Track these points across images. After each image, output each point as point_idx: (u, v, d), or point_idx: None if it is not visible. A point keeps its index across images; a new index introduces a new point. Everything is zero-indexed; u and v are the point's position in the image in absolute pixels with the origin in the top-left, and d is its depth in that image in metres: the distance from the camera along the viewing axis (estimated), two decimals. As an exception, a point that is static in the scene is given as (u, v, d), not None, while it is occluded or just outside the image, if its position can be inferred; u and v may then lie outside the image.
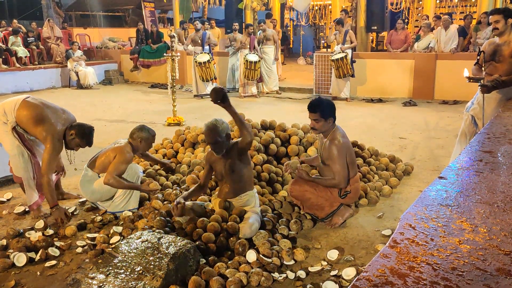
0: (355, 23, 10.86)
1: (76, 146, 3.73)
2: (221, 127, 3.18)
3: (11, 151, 3.66)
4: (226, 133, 3.21)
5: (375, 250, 3.06)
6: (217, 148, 3.22)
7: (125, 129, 6.80)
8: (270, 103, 9.47)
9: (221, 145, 3.21)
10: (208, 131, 3.20)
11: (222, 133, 3.18)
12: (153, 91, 11.72)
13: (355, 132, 6.34)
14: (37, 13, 19.45)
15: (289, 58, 17.09)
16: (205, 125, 3.27)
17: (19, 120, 3.57)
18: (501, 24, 3.91)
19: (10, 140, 3.62)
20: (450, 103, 8.78)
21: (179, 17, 13.98)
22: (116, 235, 3.26)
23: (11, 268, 2.92)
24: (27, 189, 3.75)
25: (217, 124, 3.19)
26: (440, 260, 1.21)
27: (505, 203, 1.60)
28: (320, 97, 3.40)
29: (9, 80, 11.57)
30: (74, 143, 3.68)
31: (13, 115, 3.56)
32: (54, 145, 3.54)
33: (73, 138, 3.65)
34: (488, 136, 2.56)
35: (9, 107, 3.59)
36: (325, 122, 3.30)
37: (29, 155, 3.70)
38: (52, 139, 3.53)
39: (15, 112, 3.56)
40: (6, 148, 3.71)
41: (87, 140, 3.70)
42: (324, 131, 3.38)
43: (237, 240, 3.06)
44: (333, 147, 3.28)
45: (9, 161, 3.84)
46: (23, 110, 3.56)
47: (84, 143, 3.70)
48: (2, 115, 3.59)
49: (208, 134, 3.21)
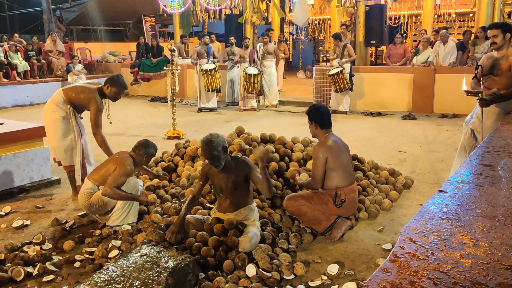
0: (354, 37, 10.94)
1: (117, 94, 4.29)
2: (216, 141, 3.19)
3: (69, 144, 4.32)
4: (222, 146, 3.22)
5: (376, 265, 3.03)
6: (215, 162, 3.22)
7: (125, 142, 6.80)
8: (269, 116, 9.49)
9: (218, 159, 3.20)
10: (204, 146, 3.20)
11: (218, 146, 3.18)
12: (153, 104, 11.76)
13: (355, 145, 6.34)
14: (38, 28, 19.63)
15: (288, 72, 17.18)
16: (200, 141, 3.28)
17: (70, 100, 4.25)
18: (499, 39, 3.94)
19: (68, 135, 4.29)
20: (449, 117, 8.80)
21: (179, 31, 14.10)
22: (115, 249, 3.24)
23: (8, 283, 2.89)
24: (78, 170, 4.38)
25: (212, 139, 3.19)
26: (441, 274, 1.20)
27: (505, 216, 1.59)
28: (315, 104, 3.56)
29: (9, 94, 11.61)
30: (113, 93, 4.26)
31: (65, 102, 4.25)
32: (96, 106, 4.19)
33: (110, 89, 4.23)
34: (487, 149, 2.56)
35: (58, 99, 4.26)
36: (311, 125, 3.55)
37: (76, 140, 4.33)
38: (95, 101, 4.19)
39: (64, 98, 4.25)
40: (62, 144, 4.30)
41: (121, 84, 4.27)
42: (314, 135, 3.60)
43: (236, 254, 3.04)
44: (315, 148, 3.50)
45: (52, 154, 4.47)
46: (68, 92, 4.27)
47: (120, 87, 4.27)
48: (57, 109, 4.25)
49: (204, 149, 3.21)
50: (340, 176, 3.42)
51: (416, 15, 15.43)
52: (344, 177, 3.44)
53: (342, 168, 3.43)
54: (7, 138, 4.64)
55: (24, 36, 16.63)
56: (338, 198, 3.41)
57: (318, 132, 3.52)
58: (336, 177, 3.43)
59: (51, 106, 4.30)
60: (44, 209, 4.28)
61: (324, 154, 3.38)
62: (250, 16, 11.86)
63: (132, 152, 3.84)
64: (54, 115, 4.27)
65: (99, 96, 4.24)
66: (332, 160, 3.39)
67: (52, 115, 4.28)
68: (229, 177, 3.29)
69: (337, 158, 3.42)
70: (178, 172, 4.68)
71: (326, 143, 3.43)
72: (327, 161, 3.39)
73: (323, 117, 3.51)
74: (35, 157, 4.87)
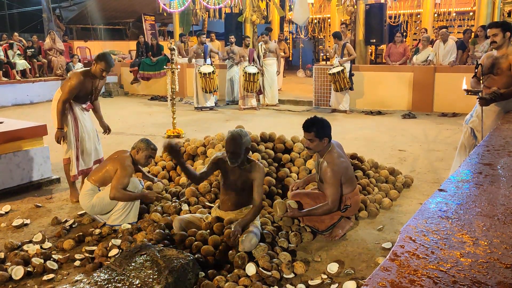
0: (354, 36, 10.93)
1: (102, 72, 4.21)
2: (244, 139, 3.19)
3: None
4: (247, 146, 3.22)
5: (376, 263, 3.03)
6: (233, 158, 3.20)
7: (125, 141, 6.81)
8: (269, 115, 9.49)
9: (238, 156, 3.20)
10: (231, 140, 3.19)
11: (244, 145, 3.19)
12: (153, 103, 11.75)
13: (355, 144, 6.34)
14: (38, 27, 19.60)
15: (288, 71, 17.18)
16: (229, 132, 3.26)
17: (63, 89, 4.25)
18: (499, 38, 3.94)
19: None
20: (449, 116, 8.80)
21: (179, 30, 14.09)
22: (115, 248, 3.24)
23: (8, 281, 2.90)
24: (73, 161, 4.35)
25: (241, 135, 3.20)
26: (441, 273, 1.20)
27: (505, 215, 1.59)
28: (315, 116, 3.35)
29: (9, 93, 11.60)
30: (98, 69, 4.20)
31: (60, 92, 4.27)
32: (72, 82, 4.17)
33: (96, 66, 4.19)
34: (487, 148, 2.56)
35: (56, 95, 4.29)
36: (319, 142, 3.29)
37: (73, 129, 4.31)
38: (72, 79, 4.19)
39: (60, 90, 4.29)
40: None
41: (106, 60, 4.18)
42: (319, 151, 3.36)
43: (236, 253, 3.04)
44: (328, 171, 3.26)
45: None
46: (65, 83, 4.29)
47: (105, 65, 4.17)
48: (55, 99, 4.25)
49: (230, 142, 3.19)
50: (346, 185, 3.39)
51: (416, 14, 15.43)
52: (349, 185, 3.42)
53: (349, 178, 3.41)
54: (7, 137, 4.63)
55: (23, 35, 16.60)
56: (343, 204, 3.41)
57: (326, 148, 3.33)
58: (343, 188, 3.39)
59: (53, 102, 4.32)
60: (44, 208, 4.28)
61: (339, 174, 3.27)
62: (250, 15, 11.85)
63: (132, 151, 3.84)
64: (54, 111, 4.28)
65: (82, 76, 4.22)
66: (343, 177, 3.33)
67: (52, 112, 4.30)
68: (240, 177, 3.30)
69: (346, 172, 3.37)
70: (178, 171, 4.67)
71: (337, 161, 3.27)
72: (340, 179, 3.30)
73: (331, 131, 3.34)
74: (35, 156, 4.87)
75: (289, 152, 4.59)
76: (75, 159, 4.37)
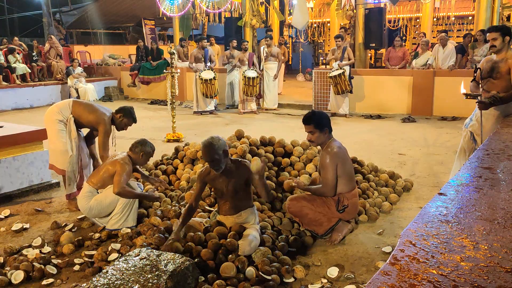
0: (353, 40, 10.96)
1: (125, 126, 4.33)
2: (217, 144, 3.18)
3: (62, 147, 4.20)
4: (223, 149, 3.20)
5: (376, 267, 3.03)
6: (215, 165, 3.21)
7: (125, 145, 6.78)
8: (269, 119, 9.49)
9: (219, 162, 3.19)
10: (205, 149, 3.19)
11: (219, 150, 3.17)
12: (153, 107, 11.76)
13: (354, 148, 6.34)
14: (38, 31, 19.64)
15: (288, 75, 17.20)
16: (201, 143, 3.27)
17: (75, 113, 4.23)
18: (499, 42, 3.95)
19: (61, 137, 4.19)
20: (448, 119, 8.81)
21: (179, 34, 14.12)
22: (114, 253, 3.23)
23: (7, 286, 2.89)
24: (67, 181, 4.29)
25: (213, 142, 3.18)
26: (441, 277, 1.19)
27: (505, 219, 1.59)
28: (313, 110, 3.46)
29: (9, 97, 11.60)
30: (123, 123, 4.29)
31: (69, 111, 4.22)
32: (106, 128, 4.20)
33: (122, 119, 4.26)
34: (487, 152, 2.56)
35: (63, 106, 4.25)
36: (320, 133, 3.38)
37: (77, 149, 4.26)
38: (105, 123, 4.19)
39: (71, 109, 4.23)
40: (56, 145, 4.21)
41: (133, 117, 4.31)
42: (321, 143, 3.44)
43: (236, 257, 3.03)
44: (325, 155, 3.37)
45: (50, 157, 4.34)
46: (77, 106, 4.27)
47: (131, 120, 4.31)
48: (57, 113, 4.20)
49: (205, 152, 3.20)
50: (344, 182, 3.41)
51: (415, 18, 15.46)
52: (347, 183, 3.43)
53: (347, 174, 3.42)
54: (7, 141, 4.64)
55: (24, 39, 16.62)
56: (341, 204, 3.41)
57: (327, 139, 3.43)
58: (341, 184, 3.41)
59: (54, 109, 4.27)
60: (43, 212, 4.27)
61: (335, 160, 3.33)
62: (250, 19, 11.86)
63: (129, 151, 3.87)
64: (52, 117, 4.24)
65: (109, 120, 4.25)
66: (340, 167, 3.36)
67: (51, 117, 4.25)
68: (229, 180, 3.28)
69: (344, 164, 3.40)
70: (177, 175, 4.67)
71: (336, 149, 3.36)
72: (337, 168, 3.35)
73: (330, 122, 3.45)
74: (35, 160, 4.87)
75: (289, 156, 4.59)
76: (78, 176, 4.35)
